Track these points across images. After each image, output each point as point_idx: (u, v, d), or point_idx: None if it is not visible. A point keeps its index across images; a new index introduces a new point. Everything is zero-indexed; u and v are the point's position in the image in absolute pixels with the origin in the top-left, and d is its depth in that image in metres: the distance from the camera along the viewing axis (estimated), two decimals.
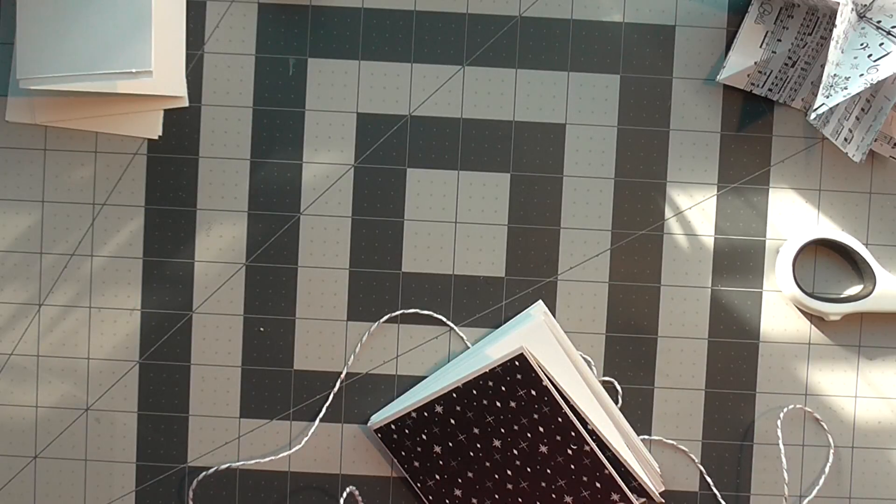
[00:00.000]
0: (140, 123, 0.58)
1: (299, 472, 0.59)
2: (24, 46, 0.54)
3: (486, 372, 0.56)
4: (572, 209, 0.59)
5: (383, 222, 0.59)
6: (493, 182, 0.59)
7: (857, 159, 0.55)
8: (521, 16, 0.59)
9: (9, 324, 0.59)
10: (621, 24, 0.58)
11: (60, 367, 0.59)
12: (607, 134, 0.59)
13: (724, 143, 0.59)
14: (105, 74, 0.53)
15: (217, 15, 0.58)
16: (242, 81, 0.59)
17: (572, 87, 0.59)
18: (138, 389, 0.59)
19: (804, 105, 0.58)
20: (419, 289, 0.59)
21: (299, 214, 0.59)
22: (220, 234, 0.59)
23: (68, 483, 0.59)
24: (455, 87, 0.59)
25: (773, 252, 0.59)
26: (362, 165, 0.59)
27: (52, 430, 0.59)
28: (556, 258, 0.59)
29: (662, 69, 0.59)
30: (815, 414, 0.59)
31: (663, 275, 0.59)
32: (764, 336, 0.59)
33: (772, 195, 0.59)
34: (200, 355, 0.59)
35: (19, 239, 0.59)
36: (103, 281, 0.59)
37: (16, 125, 0.59)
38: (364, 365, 0.59)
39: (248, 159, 0.59)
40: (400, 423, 0.57)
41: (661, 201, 0.59)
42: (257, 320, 0.59)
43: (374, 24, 0.58)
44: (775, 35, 0.57)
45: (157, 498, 0.59)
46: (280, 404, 0.59)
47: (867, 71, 0.50)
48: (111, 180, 0.59)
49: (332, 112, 0.59)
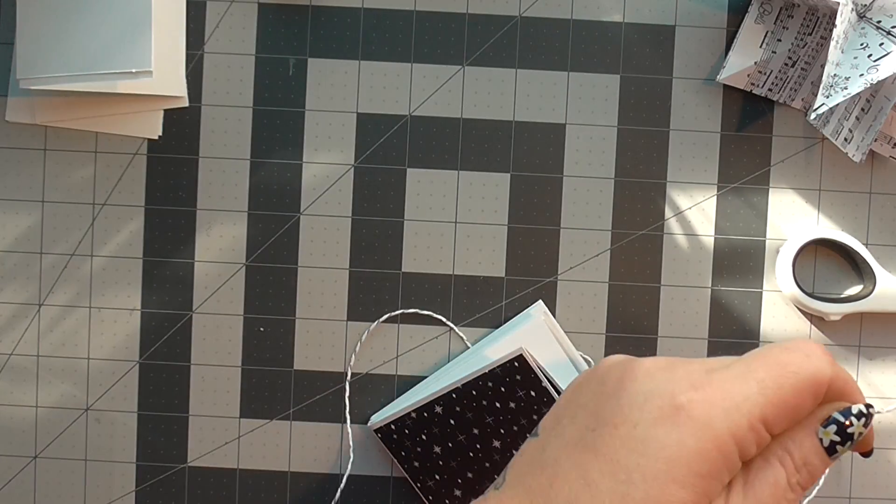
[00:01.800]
0: (140, 123, 0.58)
1: (299, 472, 0.59)
2: (24, 46, 0.54)
3: (486, 373, 0.56)
4: (572, 209, 0.59)
5: (383, 222, 0.59)
6: (493, 182, 0.59)
7: (857, 159, 0.55)
8: (521, 16, 0.59)
9: (9, 324, 0.59)
10: (621, 24, 0.58)
11: (60, 367, 0.59)
12: (607, 134, 0.59)
13: (724, 143, 0.59)
14: (105, 74, 0.53)
15: (217, 15, 0.58)
16: (242, 81, 0.59)
17: (572, 87, 0.59)
18: (138, 389, 0.59)
19: (804, 105, 0.58)
20: (419, 289, 0.59)
21: (299, 214, 0.59)
22: (220, 234, 0.59)
23: (68, 483, 0.59)
24: (455, 87, 0.59)
25: (773, 252, 0.59)
26: (362, 165, 0.59)
27: (52, 430, 0.59)
28: (556, 258, 0.59)
29: (662, 69, 0.59)
30: None
31: (663, 275, 0.59)
32: (764, 336, 0.59)
33: (772, 195, 0.59)
34: (200, 355, 0.59)
35: (19, 239, 0.59)
36: (103, 281, 0.59)
37: (16, 125, 0.59)
38: (364, 365, 0.59)
39: (248, 159, 0.59)
40: (400, 423, 0.57)
41: (661, 201, 0.59)
42: (257, 320, 0.59)
43: (374, 24, 0.58)
44: (775, 35, 0.57)
45: (157, 498, 0.59)
46: (280, 404, 0.59)
47: (867, 71, 0.50)
48: (111, 180, 0.59)
49: (332, 112, 0.59)
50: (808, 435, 0.35)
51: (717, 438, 0.33)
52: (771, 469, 0.35)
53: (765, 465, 0.35)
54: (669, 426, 0.34)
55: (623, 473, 0.33)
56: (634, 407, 0.35)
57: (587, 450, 0.35)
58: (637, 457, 0.34)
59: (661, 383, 0.35)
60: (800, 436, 0.35)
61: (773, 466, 0.35)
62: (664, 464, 0.33)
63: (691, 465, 0.33)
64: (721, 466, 0.33)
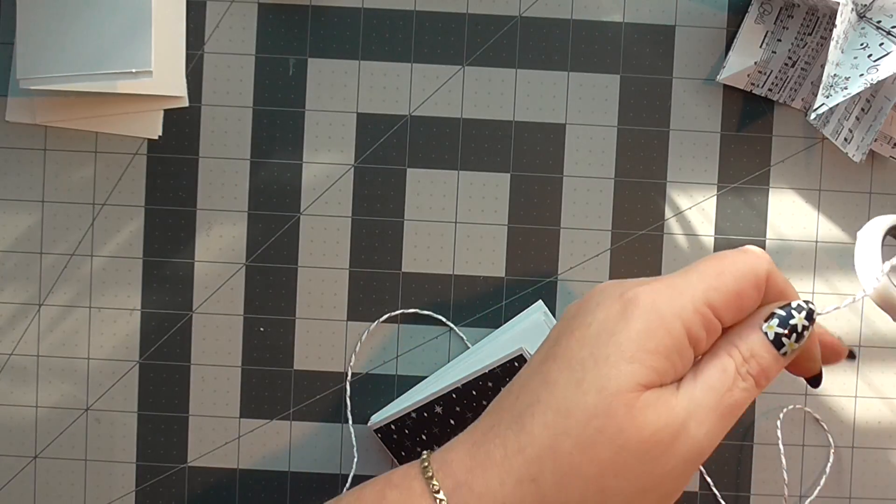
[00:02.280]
0: (140, 123, 0.58)
1: (299, 472, 0.59)
2: (24, 46, 0.54)
3: (486, 373, 0.56)
4: (572, 209, 0.59)
5: (383, 222, 0.59)
6: (493, 182, 0.59)
7: (857, 159, 0.55)
8: (521, 16, 0.59)
9: (9, 324, 0.59)
10: (621, 24, 0.58)
11: (60, 367, 0.59)
12: (607, 134, 0.59)
13: (724, 143, 0.59)
14: (105, 74, 0.53)
15: (217, 15, 0.58)
16: (242, 81, 0.59)
17: (572, 87, 0.59)
18: (138, 389, 0.59)
19: (804, 105, 0.58)
20: (419, 289, 0.59)
21: (299, 214, 0.59)
22: (220, 234, 0.59)
23: (68, 483, 0.59)
24: (455, 87, 0.59)
25: (774, 252, 0.59)
26: (362, 165, 0.59)
27: (52, 430, 0.59)
28: (556, 258, 0.59)
29: (662, 69, 0.59)
30: (814, 414, 0.59)
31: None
32: None
33: (772, 195, 0.59)
34: (200, 355, 0.59)
35: (19, 239, 0.59)
36: (103, 281, 0.59)
37: (16, 125, 0.59)
38: (364, 365, 0.59)
39: (248, 159, 0.59)
40: (400, 423, 0.57)
41: (661, 201, 0.59)
42: (257, 320, 0.59)
43: (374, 24, 0.58)
44: (775, 35, 0.57)
45: (157, 498, 0.59)
46: (280, 404, 0.59)
47: (867, 71, 0.50)
48: (111, 180, 0.59)
49: (332, 112, 0.59)
50: (754, 329, 0.37)
51: (662, 318, 0.35)
52: (719, 359, 0.37)
53: (713, 357, 0.37)
54: (618, 318, 0.36)
55: (577, 365, 0.36)
56: (588, 312, 0.37)
57: (548, 359, 0.37)
58: (590, 348, 0.36)
59: (613, 287, 0.38)
60: (746, 331, 0.37)
61: (722, 357, 0.37)
62: (614, 347, 0.35)
63: (640, 342, 0.35)
64: (669, 345, 0.35)
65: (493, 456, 0.37)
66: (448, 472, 0.37)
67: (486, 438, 0.38)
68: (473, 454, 0.37)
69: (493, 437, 0.37)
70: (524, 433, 0.36)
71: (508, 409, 0.38)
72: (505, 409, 0.38)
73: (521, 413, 0.37)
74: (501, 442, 0.37)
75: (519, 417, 0.37)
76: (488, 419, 0.39)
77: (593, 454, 0.35)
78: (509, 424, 0.37)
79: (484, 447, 0.37)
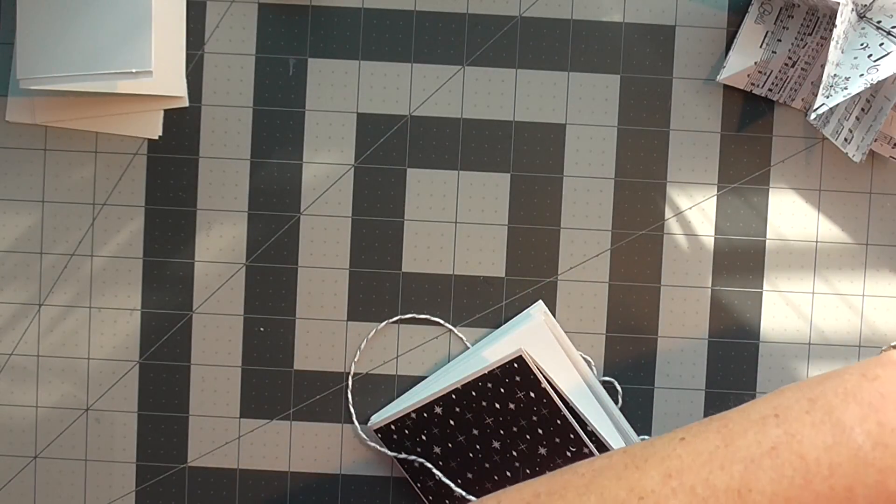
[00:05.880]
0: (140, 123, 0.58)
1: (299, 472, 0.59)
2: (24, 46, 0.54)
3: (486, 374, 0.56)
4: (572, 209, 0.59)
5: (383, 222, 0.59)
6: (493, 182, 0.59)
7: (857, 159, 0.55)
8: (521, 16, 0.59)
9: (9, 324, 0.59)
10: (621, 24, 0.58)
11: (60, 367, 0.59)
12: (607, 134, 0.59)
13: (724, 143, 0.59)
14: (105, 74, 0.53)
15: (217, 15, 0.58)
16: (242, 81, 0.59)
17: (572, 87, 0.59)
18: (138, 389, 0.59)
19: (804, 105, 0.58)
20: (419, 289, 0.59)
21: (299, 214, 0.59)
22: (220, 234, 0.59)
23: (68, 483, 0.59)
24: (455, 87, 0.59)
25: (774, 252, 0.59)
26: (362, 165, 0.59)
27: (52, 430, 0.59)
28: (556, 258, 0.59)
29: (662, 69, 0.59)
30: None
31: (663, 275, 0.59)
32: (764, 336, 0.59)
33: (772, 195, 0.59)
34: (200, 355, 0.59)
35: (19, 239, 0.59)
36: (103, 281, 0.59)
37: (16, 125, 0.59)
38: (364, 365, 0.59)
39: (248, 159, 0.59)
40: (400, 423, 0.57)
41: (661, 201, 0.59)
42: (257, 320, 0.59)
43: (374, 24, 0.58)
44: (775, 35, 0.57)
45: (157, 498, 0.59)
46: (280, 404, 0.59)
47: (867, 71, 0.50)
48: (111, 180, 0.59)
49: (332, 112, 0.59)
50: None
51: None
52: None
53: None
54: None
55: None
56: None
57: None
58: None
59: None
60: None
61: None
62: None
63: None
64: None
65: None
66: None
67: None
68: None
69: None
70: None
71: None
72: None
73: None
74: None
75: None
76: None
77: None
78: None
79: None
